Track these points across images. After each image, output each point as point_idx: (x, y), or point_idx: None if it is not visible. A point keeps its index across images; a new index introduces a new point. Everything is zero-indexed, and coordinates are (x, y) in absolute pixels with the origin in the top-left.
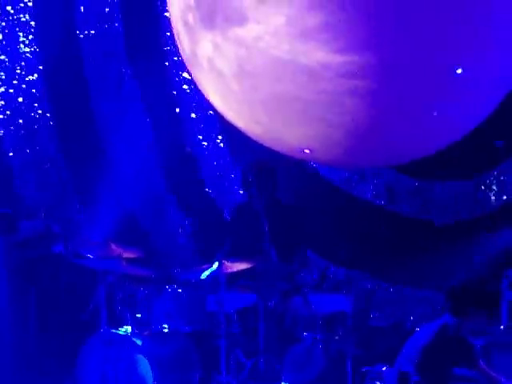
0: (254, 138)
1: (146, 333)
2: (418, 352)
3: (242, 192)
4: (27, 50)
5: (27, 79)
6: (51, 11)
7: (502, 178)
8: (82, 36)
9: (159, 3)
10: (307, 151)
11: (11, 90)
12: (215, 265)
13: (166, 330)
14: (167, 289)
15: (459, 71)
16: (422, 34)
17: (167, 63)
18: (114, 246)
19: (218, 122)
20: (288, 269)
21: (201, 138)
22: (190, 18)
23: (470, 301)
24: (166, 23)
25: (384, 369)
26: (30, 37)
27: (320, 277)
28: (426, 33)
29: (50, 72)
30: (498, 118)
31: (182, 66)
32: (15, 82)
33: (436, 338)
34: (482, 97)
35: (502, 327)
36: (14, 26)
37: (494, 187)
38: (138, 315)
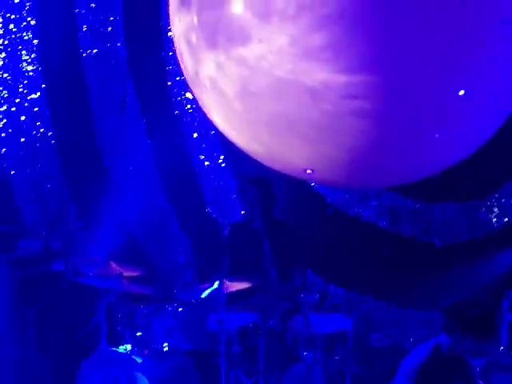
0: (256, 157)
1: (145, 351)
2: (414, 371)
3: (243, 212)
4: (30, 68)
5: (29, 98)
6: (54, 30)
7: (503, 201)
8: (84, 55)
9: (162, 23)
10: (309, 171)
11: (13, 109)
12: (215, 284)
13: (165, 349)
14: (167, 307)
15: (461, 93)
16: (425, 56)
17: (170, 83)
18: (114, 265)
19: (220, 142)
20: (288, 288)
21: (202, 157)
22: (193, 37)
23: (462, 321)
24: (169, 43)
25: None
26: (33, 55)
27: (320, 297)
28: (428, 54)
29: (53, 91)
30: (500, 139)
31: (185, 86)
32: (17, 100)
33: (431, 357)
34: (485, 119)
35: (501, 348)
36: (17, 44)
37: (496, 209)
38: (138, 333)
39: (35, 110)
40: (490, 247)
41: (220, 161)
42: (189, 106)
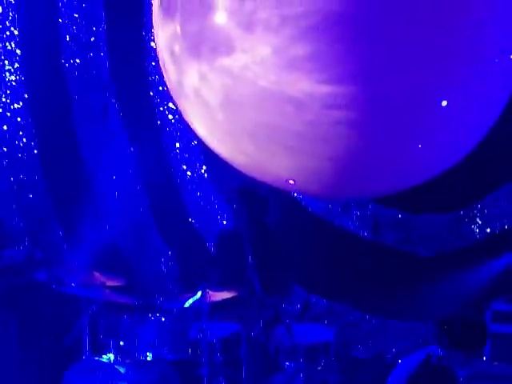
0: (239, 168)
1: (128, 361)
2: (403, 381)
3: (225, 222)
4: (12, 78)
5: (12, 107)
6: (37, 40)
7: (485, 211)
8: (67, 65)
9: (145, 33)
10: (292, 182)
11: None
12: (198, 294)
13: (149, 358)
14: (150, 317)
15: (444, 103)
16: (408, 66)
17: (152, 93)
18: (97, 274)
19: (203, 152)
20: (272, 299)
21: (185, 167)
22: (176, 47)
23: (453, 334)
24: (152, 53)
25: None
26: (16, 65)
27: (303, 307)
28: (411, 64)
29: (35, 101)
30: (483, 150)
31: (167, 96)
32: (0, 110)
33: (420, 368)
34: (467, 129)
35: (484, 358)
36: (0, 54)
37: (478, 220)
38: (121, 343)
39: (18, 119)
40: (472, 258)
41: (202, 171)
42: (171, 117)
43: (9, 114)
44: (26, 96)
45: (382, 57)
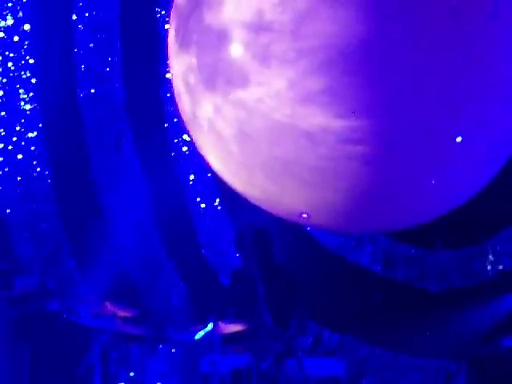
0: (252, 201)
1: None
2: None
3: (238, 255)
4: (27, 107)
5: (27, 136)
6: (52, 69)
7: (498, 248)
8: (82, 95)
9: (160, 64)
10: (305, 215)
11: (10, 147)
12: (209, 326)
13: None
14: (161, 348)
15: (459, 139)
16: (422, 101)
17: (167, 124)
18: (108, 305)
19: (217, 185)
20: (283, 332)
21: (199, 200)
22: (192, 79)
23: (488, 376)
24: (167, 84)
25: None
26: (31, 94)
27: (314, 341)
28: (426, 99)
29: (50, 130)
30: (495, 186)
31: (182, 128)
32: (15, 138)
33: None
34: (482, 165)
35: None
36: (15, 82)
37: (490, 256)
38: (132, 374)
39: (32, 148)
40: (484, 295)
41: (216, 203)
42: (186, 148)
43: (23, 143)
44: (41, 125)
45: (396, 91)
